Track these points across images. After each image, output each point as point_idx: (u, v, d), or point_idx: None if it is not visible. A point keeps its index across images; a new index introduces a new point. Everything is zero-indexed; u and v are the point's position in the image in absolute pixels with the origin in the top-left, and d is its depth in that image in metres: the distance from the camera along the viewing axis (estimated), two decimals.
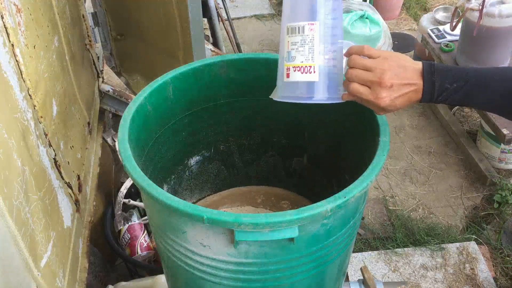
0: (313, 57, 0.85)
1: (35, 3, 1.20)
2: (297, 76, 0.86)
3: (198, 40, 1.62)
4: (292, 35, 0.86)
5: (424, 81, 0.84)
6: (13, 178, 0.90)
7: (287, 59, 0.87)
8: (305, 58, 0.85)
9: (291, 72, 0.86)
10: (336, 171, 1.26)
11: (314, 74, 0.85)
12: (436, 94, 0.84)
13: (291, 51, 0.86)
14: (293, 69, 0.86)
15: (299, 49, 0.85)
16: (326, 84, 0.87)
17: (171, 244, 0.96)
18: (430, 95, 0.84)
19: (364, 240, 2.18)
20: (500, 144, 2.41)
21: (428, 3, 4.08)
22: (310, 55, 0.85)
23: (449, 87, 0.83)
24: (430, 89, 0.84)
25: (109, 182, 1.92)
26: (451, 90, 0.83)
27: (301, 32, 0.85)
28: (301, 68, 0.85)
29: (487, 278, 1.98)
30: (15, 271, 0.89)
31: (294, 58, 0.86)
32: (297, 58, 0.86)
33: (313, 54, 0.85)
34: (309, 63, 0.85)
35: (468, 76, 0.83)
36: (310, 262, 0.93)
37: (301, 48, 0.85)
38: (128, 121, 1.00)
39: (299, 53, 0.85)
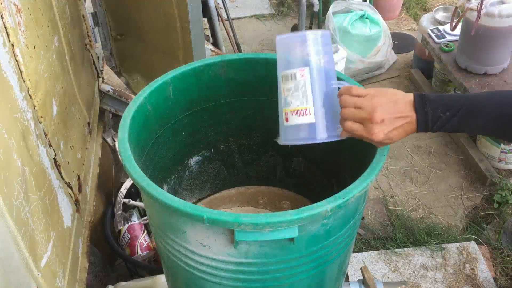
0: (307, 100, 0.90)
1: (35, 3, 1.20)
2: (295, 119, 0.91)
3: (198, 40, 1.62)
4: (286, 82, 0.92)
5: (417, 113, 0.85)
6: (13, 178, 0.90)
7: (285, 105, 0.93)
8: (300, 102, 0.90)
9: (289, 116, 0.92)
10: (336, 171, 1.26)
11: (310, 116, 0.90)
12: (430, 124, 0.85)
13: (287, 97, 0.92)
14: (290, 113, 0.92)
15: (294, 94, 0.91)
16: (324, 124, 0.91)
17: (171, 244, 0.96)
18: (425, 125, 0.86)
19: (364, 240, 2.18)
20: (500, 144, 2.41)
21: (428, 3, 4.09)
22: (304, 98, 0.90)
23: (442, 116, 0.85)
24: (424, 119, 0.85)
25: (109, 182, 1.92)
26: (444, 118, 0.85)
27: (293, 78, 0.90)
28: (297, 111, 0.91)
29: (487, 278, 1.98)
30: (15, 271, 0.89)
31: (290, 103, 0.91)
32: (293, 102, 0.91)
33: (307, 97, 0.90)
34: (304, 106, 0.90)
35: (460, 103, 0.85)
36: (310, 262, 0.94)
37: (296, 93, 0.91)
38: (128, 121, 1.00)
39: (294, 98, 0.91)
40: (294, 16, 4.01)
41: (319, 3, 2.93)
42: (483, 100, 0.86)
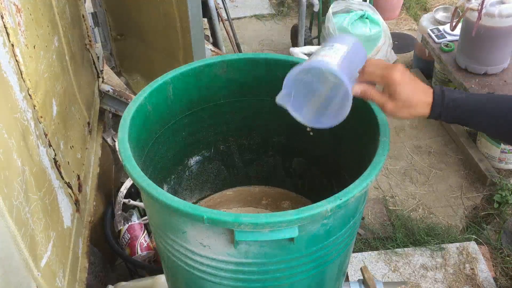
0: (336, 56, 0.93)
1: (35, 3, 1.20)
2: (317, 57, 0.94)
3: (198, 40, 1.62)
4: (323, 49, 0.96)
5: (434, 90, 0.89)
6: (13, 178, 0.90)
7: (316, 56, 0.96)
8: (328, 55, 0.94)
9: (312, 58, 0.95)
10: (336, 171, 1.26)
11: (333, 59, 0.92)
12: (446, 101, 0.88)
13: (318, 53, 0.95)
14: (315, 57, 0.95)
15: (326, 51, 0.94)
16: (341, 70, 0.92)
17: (171, 244, 0.96)
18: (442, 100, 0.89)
19: (364, 240, 2.18)
20: (500, 144, 2.41)
21: (428, 3, 4.08)
22: (334, 54, 0.93)
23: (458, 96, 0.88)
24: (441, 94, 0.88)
25: (109, 182, 1.92)
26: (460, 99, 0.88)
27: (332, 47, 0.96)
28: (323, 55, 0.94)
29: (487, 278, 1.98)
30: (15, 271, 0.89)
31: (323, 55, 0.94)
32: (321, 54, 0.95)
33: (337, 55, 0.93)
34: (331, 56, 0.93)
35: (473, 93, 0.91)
36: (310, 262, 0.93)
37: (329, 51, 0.94)
38: (128, 121, 1.00)
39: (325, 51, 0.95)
40: (294, 16, 4.01)
41: (319, 3, 2.93)
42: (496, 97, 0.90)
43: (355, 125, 1.11)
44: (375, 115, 1.00)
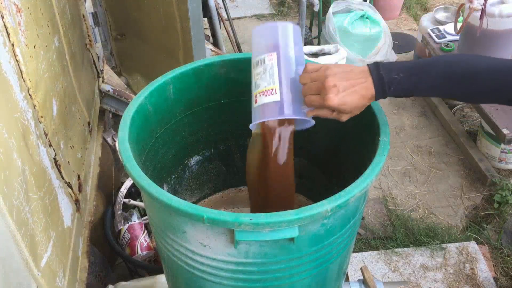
0: (273, 81, 0.94)
1: (35, 3, 1.20)
2: (262, 99, 0.95)
3: (198, 40, 1.62)
4: (256, 67, 0.97)
5: (372, 76, 0.89)
6: (13, 178, 0.90)
7: (254, 89, 0.97)
8: (267, 83, 0.95)
9: (258, 98, 0.96)
10: (336, 171, 1.26)
11: (276, 95, 0.94)
12: (387, 86, 0.89)
13: (256, 81, 0.97)
14: (258, 94, 0.96)
15: (262, 77, 0.96)
16: (290, 103, 0.94)
17: (171, 244, 0.96)
18: (382, 87, 0.89)
19: (364, 240, 2.18)
20: (500, 144, 2.41)
21: (429, 3, 4.09)
22: (270, 79, 0.94)
23: (396, 77, 0.88)
24: (380, 81, 0.89)
25: (109, 182, 1.92)
26: (398, 79, 0.88)
27: (262, 63, 0.96)
28: (264, 92, 0.95)
29: (487, 278, 1.98)
30: (15, 270, 0.89)
31: (259, 85, 0.96)
32: (261, 85, 0.96)
33: (274, 78, 0.94)
34: (271, 86, 0.94)
35: (411, 65, 0.90)
36: (310, 262, 0.94)
37: (263, 75, 0.95)
38: (128, 121, 1.00)
39: (262, 80, 0.96)
40: (294, 16, 4.01)
41: (319, 3, 2.93)
42: (433, 61, 0.91)
43: (355, 125, 1.11)
44: (375, 115, 1.00)
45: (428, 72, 0.89)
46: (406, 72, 0.88)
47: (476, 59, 0.89)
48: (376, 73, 0.89)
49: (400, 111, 2.98)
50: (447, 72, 0.88)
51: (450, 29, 2.76)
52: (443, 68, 0.89)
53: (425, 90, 0.91)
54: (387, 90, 0.89)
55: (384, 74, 0.88)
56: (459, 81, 0.88)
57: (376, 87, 0.89)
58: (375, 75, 0.89)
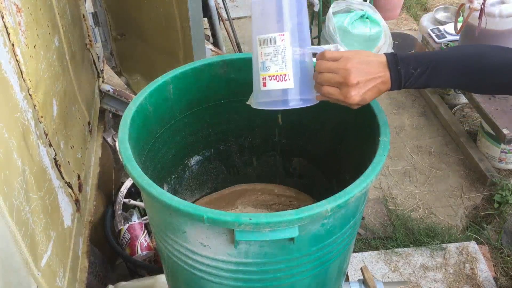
0: (286, 66, 0.90)
1: (35, 3, 1.20)
2: (273, 84, 0.91)
3: (198, 40, 1.62)
4: (265, 46, 0.91)
5: (390, 72, 0.89)
6: (13, 177, 0.90)
7: (262, 69, 0.92)
8: (279, 67, 0.90)
9: (267, 81, 0.91)
10: (336, 171, 1.26)
11: (289, 82, 0.90)
12: (403, 81, 0.89)
13: (265, 61, 0.91)
14: (268, 78, 0.91)
15: (273, 59, 0.90)
16: (300, 89, 0.91)
17: (171, 244, 0.96)
18: (398, 83, 0.89)
19: (364, 240, 2.18)
20: (500, 144, 2.41)
21: (429, 3, 4.08)
22: (283, 64, 0.90)
23: (414, 72, 0.88)
24: (398, 78, 0.89)
25: (109, 182, 1.92)
26: (416, 75, 0.89)
27: (273, 43, 0.90)
28: (276, 77, 0.90)
29: (487, 278, 1.98)
30: (15, 270, 0.89)
31: (268, 68, 0.91)
32: (272, 67, 0.91)
33: (286, 63, 0.90)
34: (283, 72, 0.90)
35: (428, 59, 0.89)
36: (310, 262, 0.94)
37: (275, 58, 0.90)
38: (129, 121, 1.00)
39: (272, 62, 0.90)
40: None
41: (319, 3, 2.93)
42: (449, 55, 0.91)
43: (355, 125, 1.11)
44: (375, 115, 1.00)
45: (443, 66, 0.88)
46: (423, 66, 0.88)
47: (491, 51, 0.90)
48: (394, 68, 0.88)
49: (400, 111, 2.98)
50: (462, 67, 0.89)
51: (450, 29, 2.76)
52: (458, 62, 0.89)
53: (440, 84, 0.91)
54: (402, 84, 0.89)
55: (402, 69, 0.88)
56: (474, 75, 0.89)
57: (393, 82, 0.89)
58: (393, 70, 0.88)
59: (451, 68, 0.89)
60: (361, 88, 0.87)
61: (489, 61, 0.88)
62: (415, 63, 0.89)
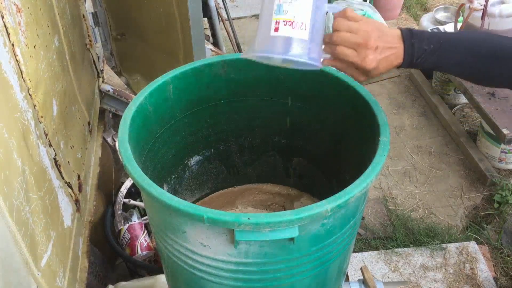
0: (305, 15, 0.81)
1: (35, 3, 1.20)
2: (287, 30, 0.81)
3: (198, 40, 1.62)
4: None
5: (405, 44, 0.87)
6: (13, 177, 0.90)
7: (278, 12, 0.81)
8: (297, 13, 0.81)
9: (280, 26, 0.81)
10: (336, 171, 1.26)
11: (305, 32, 0.81)
12: (416, 56, 0.87)
13: (283, 4, 0.81)
14: (283, 22, 0.81)
15: (293, 3, 0.81)
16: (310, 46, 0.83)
17: (171, 244, 0.96)
18: (411, 57, 0.87)
19: (364, 240, 2.18)
20: (500, 144, 2.41)
21: (429, 3, 4.08)
22: (303, 11, 0.81)
23: (426, 48, 0.87)
24: (411, 51, 0.87)
25: (109, 182, 1.92)
26: (428, 52, 0.87)
27: None
28: (293, 23, 0.81)
29: (487, 278, 1.98)
30: (15, 270, 0.89)
31: (286, 12, 0.81)
32: (290, 12, 0.81)
33: (306, 12, 0.81)
34: (302, 20, 0.81)
35: (442, 38, 0.88)
36: (310, 262, 0.94)
37: (295, 2, 0.81)
38: (128, 121, 1.00)
39: (292, 7, 0.81)
40: None
41: None
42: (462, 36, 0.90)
43: (355, 125, 1.11)
44: (375, 115, 1.00)
45: (455, 46, 0.87)
46: (436, 44, 0.87)
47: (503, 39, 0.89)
48: (409, 42, 0.86)
49: (400, 111, 2.98)
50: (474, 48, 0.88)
51: (450, 29, 2.76)
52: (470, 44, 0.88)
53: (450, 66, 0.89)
54: (415, 59, 0.87)
55: (416, 44, 0.86)
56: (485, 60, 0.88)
57: (406, 56, 0.87)
58: (408, 43, 0.86)
59: (463, 48, 0.87)
60: (378, 53, 0.84)
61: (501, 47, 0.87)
62: (428, 40, 0.87)
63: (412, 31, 0.88)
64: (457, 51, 0.87)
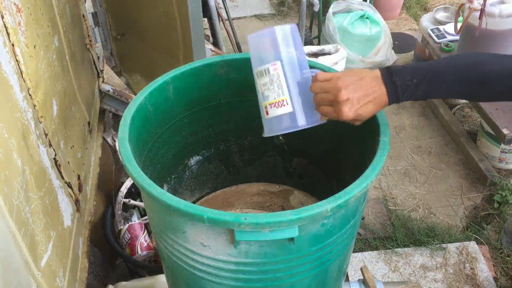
0: (282, 91, 0.94)
1: (35, 3, 1.20)
2: (274, 111, 0.95)
3: (198, 40, 1.62)
4: (261, 77, 0.96)
5: (386, 85, 0.88)
6: (13, 178, 0.90)
7: (263, 99, 0.97)
8: (276, 94, 0.94)
9: (269, 110, 0.96)
10: (336, 171, 1.26)
11: (288, 106, 0.94)
12: (400, 93, 0.88)
13: (264, 92, 0.96)
14: (269, 106, 0.96)
15: (270, 88, 0.95)
16: (302, 112, 0.94)
17: (171, 244, 0.96)
18: (396, 95, 0.89)
19: (364, 240, 2.18)
20: (500, 144, 2.41)
21: (429, 3, 4.08)
22: (279, 90, 0.94)
23: (410, 83, 0.88)
24: (394, 90, 0.88)
25: (109, 182, 1.92)
26: (412, 86, 0.88)
27: (267, 73, 0.95)
28: (275, 103, 0.95)
29: (487, 278, 1.98)
30: (15, 270, 0.89)
31: (267, 97, 0.96)
32: (270, 96, 0.95)
33: (282, 89, 0.94)
34: (281, 98, 0.94)
35: (424, 70, 0.88)
36: (310, 262, 0.94)
37: (271, 86, 0.95)
38: (128, 121, 1.00)
39: (270, 91, 0.95)
40: (294, 16, 4.01)
41: (319, 3, 2.93)
42: (445, 64, 0.90)
43: (355, 125, 1.11)
44: (375, 115, 1.00)
45: (441, 77, 0.88)
46: (419, 77, 0.87)
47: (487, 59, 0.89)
48: (390, 81, 0.88)
49: (400, 111, 2.98)
50: (461, 78, 0.88)
51: (450, 29, 2.76)
52: (456, 73, 0.88)
53: (440, 94, 0.90)
54: (400, 97, 0.89)
55: (397, 81, 0.87)
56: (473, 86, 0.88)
57: (390, 95, 0.88)
58: (389, 83, 0.88)
59: (449, 77, 0.88)
60: (353, 104, 0.87)
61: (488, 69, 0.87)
62: (410, 74, 0.88)
63: (391, 70, 0.89)
64: (443, 81, 0.88)
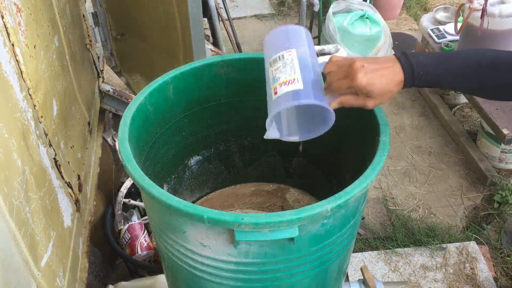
0: (295, 72, 0.92)
1: (35, 3, 1.20)
2: (283, 89, 0.92)
3: (198, 40, 1.62)
4: (274, 64, 0.95)
5: (400, 61, 0.88)
6: (13, 178, 0.90)
7: (273, 82, 0.94)
8: (288, 74, 0.92)
9: (278, 89, 0.93)
10: (336, 171, 1.26)
11: (298, 83, 0.91)
12: (416, 71, 0.87)
13: (275, 74, 0.94)
14: (279, 86, 0.92)
15: (282, 70, 0.93)
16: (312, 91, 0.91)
17: (171, 244, 0.96)
18: (411, 72, 0.88)
19: (364, 240, 2.18)
20: (500, 144, 2.41)
21: (429, 3, 4.08)
22: (292, 71, 0.92)
23: (424, 63, 0.88)
24: (409, 66, 0.87)
25: (109, 182, 1.92)
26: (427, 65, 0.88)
27: (281, 58, 0.94)
28: (286, 82, 0.92)
29: (487, 278, 1.98)
30: (15, 270, 0.89)
31: (278, 78, 0.93)
32: (281, 77, 0.93)
33: (295, 70, 0.92)
34: (292, 77, 0.92)
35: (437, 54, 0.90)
36: (310, 262, 0.94)
37: (284, 68, 0.93)
38: (128, 121, 1.00)
39: (282, 73, 0.93)
40: (294, 16, 4.01)
41: (319, 3, 2.93)
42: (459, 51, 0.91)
43: (355, 125, 1.11)
44: (375, 115, 1.00)
45: (456, 59, 0.88)
46: (434, 58, 0.88)
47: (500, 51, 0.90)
48: (404, 59, 0.88)
49: (400, 111, 2.98)
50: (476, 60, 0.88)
51: (450, 29, 2.76)
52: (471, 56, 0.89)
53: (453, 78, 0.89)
54: (416, 75, 0.88)
55: (412, 60, 0.88)
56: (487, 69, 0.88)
57: (405, 71, 0.88)
58: (403, 60, 0.88)
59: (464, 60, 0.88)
60: (367, 71, 0.86)
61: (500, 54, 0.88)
62: (424, 56, 0.88)
63: (405, 52, 0.89)
64: (456, 62, 0.88)
